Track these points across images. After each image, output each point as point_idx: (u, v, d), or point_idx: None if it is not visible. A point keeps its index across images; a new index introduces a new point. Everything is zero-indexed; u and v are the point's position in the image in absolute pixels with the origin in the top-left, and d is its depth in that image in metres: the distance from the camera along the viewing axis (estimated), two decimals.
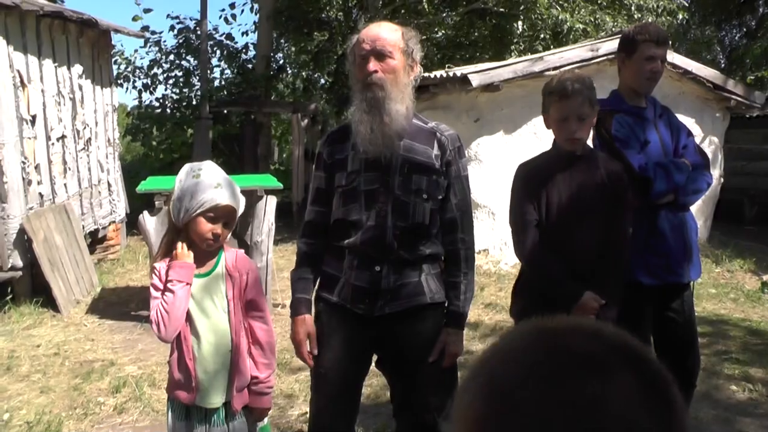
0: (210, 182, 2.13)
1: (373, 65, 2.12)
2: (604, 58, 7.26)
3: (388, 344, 2.24)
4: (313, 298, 2.35)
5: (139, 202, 8.85)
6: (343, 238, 2.20)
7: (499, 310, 5.75)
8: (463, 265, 2.25)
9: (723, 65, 15.91)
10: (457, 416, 0.59)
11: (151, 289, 2.19)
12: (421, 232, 2.20)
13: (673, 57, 7.36)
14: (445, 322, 2.28)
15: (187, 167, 2.22)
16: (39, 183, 6.15)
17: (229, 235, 2.23)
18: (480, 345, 4.86)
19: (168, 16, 12.65)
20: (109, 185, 8.07)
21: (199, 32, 11.58)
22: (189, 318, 2.19)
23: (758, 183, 11.03)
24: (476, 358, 0.61)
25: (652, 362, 0.57)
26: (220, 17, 14.14)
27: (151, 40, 11.95)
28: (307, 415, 3.81)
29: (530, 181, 2.58)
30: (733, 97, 8.02)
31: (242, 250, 2.37)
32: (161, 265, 2.19)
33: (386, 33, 2.16)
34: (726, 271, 7.59)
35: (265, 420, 2.38)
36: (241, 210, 2.22)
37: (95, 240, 7.52)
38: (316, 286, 2.34)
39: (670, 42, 2.82)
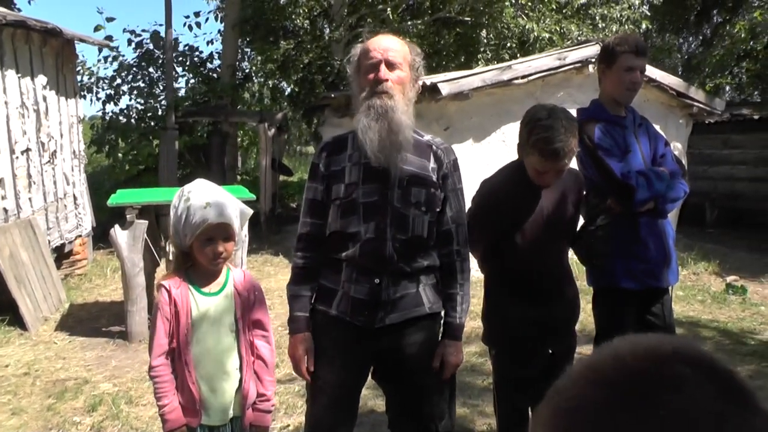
0: (198, 204, 2.10)
1: (384, 73, 2.10)
2: (571, 66, 7.40)
3: (387, 355, 2.23)
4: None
5: (105, 215, 8.66)
6: (341, 250, 2.18)
7: (474, 317, 5.76)
8: (459, 277, 2.26)
9: (681, 72, 16.32)
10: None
11: (156, 306, 2.17)
12: (420, 244, 2.19)
13: None
14: (442, 333, 2.28)
15: (179, 191, 2.20)
16: (3, 198, 5.98)
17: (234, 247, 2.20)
18: None
19: (124, 30, 12.37)
20: (75, 198, 7.88)
21: (163, 42, 11.41)
22: (196, 338, 2.16)
23: (718, 187, 11.34)
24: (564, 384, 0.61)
25: (726, 370, 0.58)
26: (185, 24, 13.93)
27: (110, 55, 11.73)
28: (289, 428, 3.79)
29: (495, 206, 2.54)
30: (696, 104, 8.23)
31: (248, 270, 2.35)
32: (169, 283, 2.16)
33: (397, 45, 2.17)
34: (692, 273, 7.79)
35: None
36: (238, 221, 2.19)
37: (61, 255, 7.33)
38: (312, 300, 2.32)
39: None
